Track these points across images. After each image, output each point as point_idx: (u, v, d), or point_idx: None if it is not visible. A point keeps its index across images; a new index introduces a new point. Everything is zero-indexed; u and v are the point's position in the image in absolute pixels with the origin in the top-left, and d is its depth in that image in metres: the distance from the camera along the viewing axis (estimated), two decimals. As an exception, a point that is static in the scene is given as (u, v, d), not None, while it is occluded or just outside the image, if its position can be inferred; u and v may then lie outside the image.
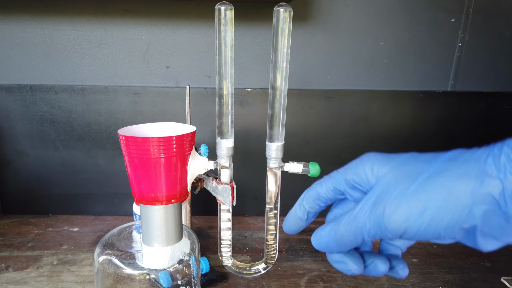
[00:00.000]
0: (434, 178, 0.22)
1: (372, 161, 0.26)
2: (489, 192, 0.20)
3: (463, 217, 0.21)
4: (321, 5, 0.63)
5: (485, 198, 0.20)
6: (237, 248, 0.59)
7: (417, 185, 0.22)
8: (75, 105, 0.64)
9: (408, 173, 0.24)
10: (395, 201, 0.23)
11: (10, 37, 0.62)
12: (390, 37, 0.66)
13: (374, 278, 0.51)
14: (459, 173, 0.21)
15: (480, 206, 0.21)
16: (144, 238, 0.34)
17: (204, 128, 0.64)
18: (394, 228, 0.23)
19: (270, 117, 0.41)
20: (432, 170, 0.23)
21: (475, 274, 0.53)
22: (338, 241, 0.26)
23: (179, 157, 0.33)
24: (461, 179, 0.21)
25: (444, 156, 0.23)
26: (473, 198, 0.21)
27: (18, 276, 0.50)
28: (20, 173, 0.67)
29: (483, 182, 0.20)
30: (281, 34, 0.38)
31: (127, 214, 0.70)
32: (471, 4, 0.64)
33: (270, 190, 0.43)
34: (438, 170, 0.22)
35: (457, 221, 0.21)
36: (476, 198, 0.21)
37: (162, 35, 0.64)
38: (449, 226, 0.22)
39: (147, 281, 0.34)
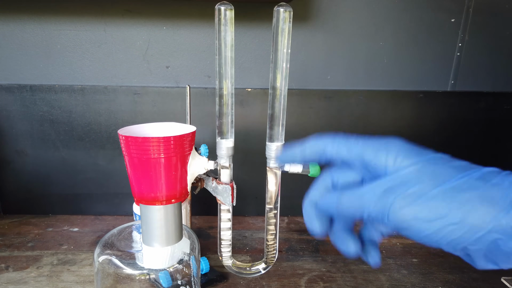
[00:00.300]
0: (459, 192, 0.21)
1: (398, 150, 0.24)
2: (510, 224, 0.20)
3: (472, 240, 0.21)
4: (321, 5, 0.63)
5: (504, 228, 0.20)
6: (237, 248, 0.59)
7: (439, 192, 0.22)
8: (75, 105, 0.64)
9: (433, 175, 0.23)
10: (409, 198, 0.22)
11: (10, 37, 0.62)
12: (390, 37, 0.66)
13: (374, 278, 0.51)
14: (486, 196, 0.21)
15: (494, 235, 0.20)
16: (144, 238, 0.34)
17: (204, 128, 0.64)
18: (397, 222, 0.22)
19: (270, 117, 0.41)
20: (459, 182, 0.22)
21: (475, 274, 0.53)
22: (338, 208, 0.26)
23: (179, 157, 0.33)
24: (486, 204, 0.20)
25: (476, 172, 0.22)
26: (492, 226, 0.20)
27: (18, 276, 0.50)
28: (20, 173, 0.67)
29: (508, 212, 0.20)
30: (281, 34, 0.38)
31: (127, 214, 0.70)
32: (471, 4, 0.64)
33: (270, 190, 0.43)
34: (466, 184, 0.21)
35: (464, 241, 0.21)
36: (494, 227, 0.20)
37: (162, 35, 0.64)
38: (453, 242, 0.21)
39: (147, 281, 0.34)
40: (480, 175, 0.22)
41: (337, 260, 0.56)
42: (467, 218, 0.20)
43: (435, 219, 0.21)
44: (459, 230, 0.21)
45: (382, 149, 0.25)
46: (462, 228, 0.21)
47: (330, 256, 0.57)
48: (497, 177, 0.21)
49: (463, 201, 0.21)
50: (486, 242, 0.20)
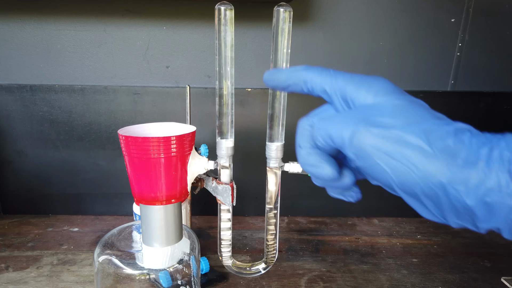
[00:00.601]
0: (427, 136, 0.21)
1: (380, 87, 0.24)
2: (465, 180, 0.20)
3: (424, 186, 0.21)
4: (321, 5, 0.63)
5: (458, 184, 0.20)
6: (237, 248, 0.59)
7: (407, 130, 0.21)
8: (75, 105, 0.64)
9: (408, 113, 0.23)
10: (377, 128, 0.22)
11: (10, 37, 0.62)
12: (390, 37, 0.66)
13: (374, 278, 0.51)
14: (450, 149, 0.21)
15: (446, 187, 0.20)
16: (144, 238, 0.34)
17: (204, 128, 0.64)
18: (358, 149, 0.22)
19: (270, 117, 0.41)
20: (430, 127, 0.22)
21: (475, 274, 0.53)
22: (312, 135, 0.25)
23: (179, 157, 0.33)
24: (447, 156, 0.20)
25: (450, 125, 0.22)
26: (446, 178, 0.20)
27: (18, 276, 0.50)
28: (20, 173, 0.67)
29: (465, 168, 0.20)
30: (281, 34, 0.38)
31: (127, 214, 0.70)
32: (471, 4, 0.64)
33: (270, 190, 0.43)
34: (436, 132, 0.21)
35: (416, 186, 0.21)
36: (448, 179, 0.20)
37: (162, 35, 0.64)
38: (406, 185, 0.21)
39: (147, 281, 0.34)
40: (452, 129, 0.22)
41: (337, 260, 0.56)
42: (426, 164, 0.20)
43: (395, 156, 0.21)
44: (415, 174, 0.21)
45: (364, 84, 0.25)
46: (418, 173, 0.21)
47: (330, 256, 0.57)
48: (466, 134, 0.21)
49: (428, 146, 0.21)
50: (438, 192, 0.21)
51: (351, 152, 0.23)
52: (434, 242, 0.62)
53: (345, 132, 0.23)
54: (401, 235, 0.65)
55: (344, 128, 0.23)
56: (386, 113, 0.23)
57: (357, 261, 0.56)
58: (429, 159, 0.20)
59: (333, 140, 0.24)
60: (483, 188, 0.19)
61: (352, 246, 0.61)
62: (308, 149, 0.26)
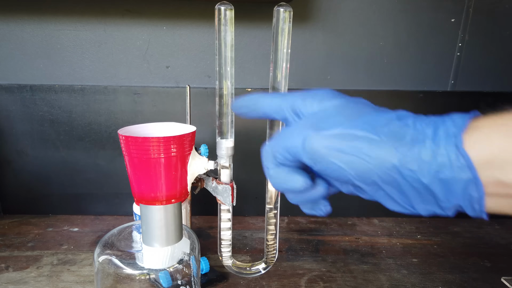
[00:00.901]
0: (372, 126, 0.22)
1: (324, 95, 0.26)
2: (416, 158, 0.20)
3: (380, 173, 0.21)
4: (321, 5, 0.63)
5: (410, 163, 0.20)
6: (237, 248, 0.59)
7: (352, 125, 0.22)
8: (75, 105, 0.64)
9: (350, 111, 0.24)
10: (324, 130, 0.23)
11: (10, 37, 0.62)
12: (390, 37, 0.66)
13: (374, 278, 0.51)
14: (397, 133, 0.21)
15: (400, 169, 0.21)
16: (144, 238, 0.34)
17: (204, 128, 0.64)
18: (312, 153, 0.23)
19: (270, 117, 0.41)
20: (372, 118, 0.22)
21: (475, 274, 0.53)
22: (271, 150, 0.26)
23: (179, 157, 0.33)
24: (396, 138, 0.21)
25: (391, 114, 0.23)
26: (399, 161, 0.20)
27: (18, 276, 0.50)
28: (20, 173, 0.67)
29: (413, 147, 0.20)
30: (281, 34, 0.38)
31: (127, 214, 0.70)
32: (471, 4, 0.64)
33: (270, 190, 0.43)
34: (379, 121, 0.22)
35: (373, 174, 0.21)
36: (402, 161, 0.20)
37: (162, 35, 0.64)
38: (363, 175, 0.22)
39: (147, 281, 0.34)
40: (394, 116, 0.22)
41: (337, 260, 0.56)
42: (376, 151, 0.21)
43: (346, 151, 0.22)
44: (368, 163, 0.21)
45: (309, 95, 0.26)
46: (370, 161, 0.21)
47: (330, 256, 0.57)
48: (409, 118, 0.22)
49: (374, 134, 0.21)
50: (394, 176, 0.21)
51: (306, 158, 0.24)
52: (434, 242, 0.62)
53: (297, 140, 0.24)
54: (401, 235, 0.65)
55: (296, 137, 0.24)
56: (330, 115, 0.24)
57: (357, 261, 0.56)
58: (378, 145, 0.21)
59: (289, 151, 0.24)
60: (435, 164, 0.20)
61: (352, 246, 0.61)
62: (274, 168, 0.26)
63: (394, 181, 0.21)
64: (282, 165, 0.26)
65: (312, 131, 0.23)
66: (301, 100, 0.26)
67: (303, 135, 0.23)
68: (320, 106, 0.25)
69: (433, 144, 0.20)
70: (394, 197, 0.22)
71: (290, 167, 0.26)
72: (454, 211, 0.21)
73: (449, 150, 0.19)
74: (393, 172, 0.21)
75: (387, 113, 0.23)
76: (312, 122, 0.24)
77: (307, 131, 0.23)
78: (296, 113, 0.26)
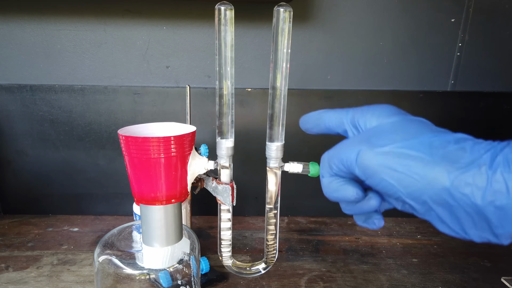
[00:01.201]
0: (426, 147, 0.22)
1: (383, 110, 0.26)
2: (470, 183, 0.20)
3: (432, 194, 0.21)
4: (321, 5, 0.63)
5: (463, 186, 0.20)
6: (237, 248, 0.59)
7: (407, 144, 0.22)
8: (75, 105, 0.64)
9: (406, 130, 0.24)
10: (378, 146, 0.23)
11: (10, 37, 0.62)
12: (390, 37, 0.66)
13: (374, 278, 0.51)
14: (452, 155, 0.21)
15: (455, 192, 0.20)
16: (144, 238, 0.34)
17: (204, 128, 0.64)
18: (364, 167, 0.23)
19: (270, 117, 0.41)
20: (428, 139, 0.22)
21: (475, 274, 0.53)
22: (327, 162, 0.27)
23: (179, 157, 0.33)
24: (448, 161, 0.21)
25: (449, 136, 0.23)
26: (451, 183, 0.20)
27: (18, 276, 0.50)
28: (20, 173, 0.67)
29: (468, 171, 0.20)
30: (281, 34, 0.37)
31: (127, 214, 0.70)
32: (471, 4, 0.64)
33: (270, 190, 0.43)
34: (435, 142, 0.22)
35: (423, 194, 0.22)
36: (454, 184, 0.20)
37: (162, 35, 0.64)
38: (414, 194, 0.22)
39: (147, 281, 0.34)
40: (453, 138, 0.22)
41: (337, 260, 0.56)
42: (427, 171, 0.21)
43: (398, 169, 0.22)
44: (419, 182, 0.21)
45: (369, 110, 0.27)
46: (421, 180, 0.21)
47: (330, 256, 0.57)
48: (468, 142, 0.22)
49: (428, 155, 0.22)
50: (445, 197, 0.21)
51: (359, 172, 0.24)
52: (434, 242, 0.62)
53: (351, 154, 0.24)
54: (401, 235, 0.65)
55: (350, 150, 0.25)
56: (386, 131, 0.24)
57: (357, 261, 0.56)
58: (430, 166, 0.21)
59: (344, 163, 0.25)
60: (490, 191, 0.19)
61: (352, 246, 0.61)
62: (328, 177, 0.27)
63: (445, 203, 0.21)
64: (336, 176, 0.27)
65: (366, 147, 0.24)
66: (361, 114, 0.27)
67: (357, 149, 0.24)
68: (378, 121, 0.26)
69: (489, 170, 0.20)
70: (445, 220, 0.22)
71: (344, 178, 0.27)
72: (509, 239, 0.21)
73: (506, 177, 0.19)
74: (444, 194, 0.21)
75: (446, 135, 0.23)
76: (368, 137, 0.25)
77: (361, 146, 0.24)
78: (356, 127, 0.28)
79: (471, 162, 0.20)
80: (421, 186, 0.21)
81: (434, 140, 0.22)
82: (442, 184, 0.21)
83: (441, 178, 0.21)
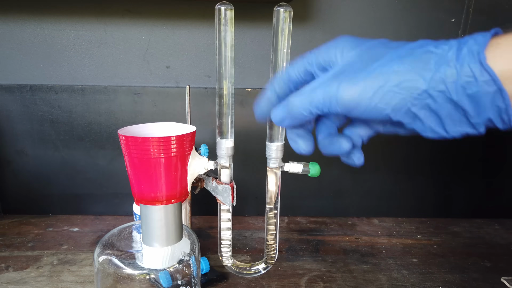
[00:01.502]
0: (396, 60, 0.23)
1: (344, 43, 0.27)
2: (443, 79, 0.21)
3: (413, 100, 0.22)
4: (321, 5, 0.63)
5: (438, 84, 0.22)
6: (237, 248, 0.59)
7: (378, 65, 0.23)
8: (75, 105, 0.64)
9: (373, 54, 0.25)
10: (353, 77, 0.24)
11: (10, 37, 0.62)
12: (390, 37, 0.65)
13: (374, 278, 0.51)
14: (420, 59, 0.22)
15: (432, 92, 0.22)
16: (144, 238, 0.34)
17: (204, 128, 0.64)
18: (346, 102, 0.24)
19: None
20: (395, 54, 0.24)
21: (475, 274, 0.53)
22: (290, 113, 0.27)
23: (179, 157, 0.33)
24: (420, 65, 0.22)
25: (411, 44, 0.24)
26: (428, 84, 0.22)
27: (18, 276, 0.50)
28: (20, 173, 0.67)
29: (439, 69, 0.21)
30: (281, 34, 0.38)
31: (127, 214, 0.70)
32: (471, 4, 0.64)
33: (270, 190, 0.43)
34: (402, 54, 0.23)
35: (406, 103, 0.23)
36: (430, 84, 0.22)
37: (162, 35, 0.64)
38: (397, 107, 0.23)
39: (147, 281, 0.34)
40: (415, 45, 0.24)
41: (337, 260, 0.56)
42: (405, 80, 0.22)
43: (378, 89, 0.23)
44: (400, 94, 0.22)
45: (330, 47, 0.27)
46: (401, 91, 0.22)
47: (330, 256, 0.57)
48: (431, 44, 0.23)
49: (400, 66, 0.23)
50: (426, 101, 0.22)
51: (341, 107, 0.24)
52: (434, 242, 0.63)
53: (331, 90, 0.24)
54: (401, 235, 0.65)
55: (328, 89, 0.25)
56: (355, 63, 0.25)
57: (357, 261, 0.56)
58: (404, 75, 0.22)
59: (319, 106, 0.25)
60: (461, 82, 0.21)
61: (352, 246, 0.61)
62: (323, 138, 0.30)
63: (426, 106, 0.22)
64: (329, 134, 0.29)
65: (344, 81, 0.24)
66: (325, 54, 0.27)
67: (335, 85, 0.24)
68: (343, 56, 0.26)
69: (457, 64, 0.21)
70: (429, 123, 0.23)
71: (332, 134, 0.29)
72: (484, 127, 0.22)
73: (473, 67, 0.21)
74: (423, 97, 0.22)
75: (409, 44, 0.24)
76: (339, 73, 0.25)
77: (337, 81, 0.24)
78: (323, 69, 0.28)
79: (439, 61, 0.22)
80: (403, 96, 0.22)
81: (400, 52, 0.24)
82: (420, 88, 0.22)
83: (417, 83, 0.22)
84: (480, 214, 0.73)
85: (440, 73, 0.21)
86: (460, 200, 0.72)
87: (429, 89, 0.22)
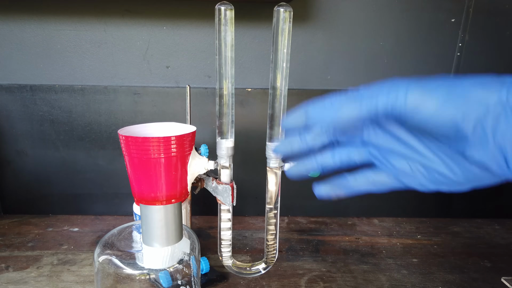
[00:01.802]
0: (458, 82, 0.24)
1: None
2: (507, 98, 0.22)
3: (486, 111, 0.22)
4: (321, 5, 0.63)
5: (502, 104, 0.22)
6: (237, 248, 0.59)
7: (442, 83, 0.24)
8: (75, 105, 0.64)
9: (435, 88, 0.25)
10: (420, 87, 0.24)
11: (10, 37, 0.62)
12: (390, 37, 0.66)
13: (374, 278, 0.51)
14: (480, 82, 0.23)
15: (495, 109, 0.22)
16: (144, 238, 0.34)
17: (204, 128, 0.64)
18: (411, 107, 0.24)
19: (270, 117, 0.41)
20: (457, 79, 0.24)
21: (475, 274, 0.53)
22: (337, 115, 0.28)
23: (179, 157, 0.33)
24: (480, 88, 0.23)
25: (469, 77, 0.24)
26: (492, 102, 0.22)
27: (18, 276, 0.50)
28: (20, 173, 0.67)
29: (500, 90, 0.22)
30: (281, 34, 0.38)
31: (127, 214, 0.70)
32: (471, 4, 0.64)
33: (270, 190, 0.43)
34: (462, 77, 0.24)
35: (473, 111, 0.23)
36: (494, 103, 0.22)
37: (162, 35, 0.64)
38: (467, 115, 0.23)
39: (147, 281, 0.34)
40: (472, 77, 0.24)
41: (337, 260, 0.56)
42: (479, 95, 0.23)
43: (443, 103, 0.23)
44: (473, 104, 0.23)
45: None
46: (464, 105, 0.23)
47: (330, 256, 0.57)
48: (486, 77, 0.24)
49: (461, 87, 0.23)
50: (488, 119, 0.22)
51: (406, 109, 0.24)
52: (434, 242, 0.63)
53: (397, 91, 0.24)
54: (401, 235, 0.65)
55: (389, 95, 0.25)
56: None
57: (357, 261, 0.56)
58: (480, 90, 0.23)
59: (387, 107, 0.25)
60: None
61: (352, 246, 0.61)
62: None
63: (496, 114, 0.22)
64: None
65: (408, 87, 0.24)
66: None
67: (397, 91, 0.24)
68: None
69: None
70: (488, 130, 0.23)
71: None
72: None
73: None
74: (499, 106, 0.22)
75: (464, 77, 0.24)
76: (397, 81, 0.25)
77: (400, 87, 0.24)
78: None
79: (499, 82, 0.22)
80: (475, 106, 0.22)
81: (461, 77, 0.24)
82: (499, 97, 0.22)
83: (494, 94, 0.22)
84: (480, 214, 0.73)
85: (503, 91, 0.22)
86: (460, 200, 0.72)
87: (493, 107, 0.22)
